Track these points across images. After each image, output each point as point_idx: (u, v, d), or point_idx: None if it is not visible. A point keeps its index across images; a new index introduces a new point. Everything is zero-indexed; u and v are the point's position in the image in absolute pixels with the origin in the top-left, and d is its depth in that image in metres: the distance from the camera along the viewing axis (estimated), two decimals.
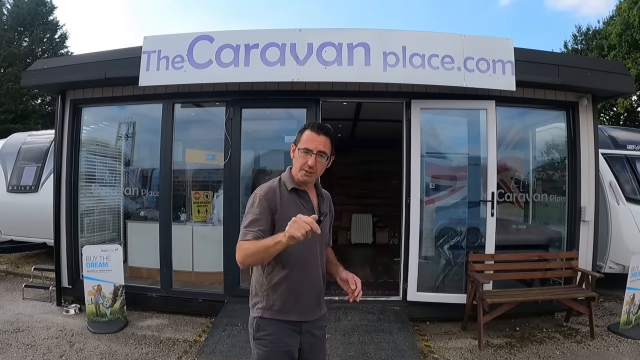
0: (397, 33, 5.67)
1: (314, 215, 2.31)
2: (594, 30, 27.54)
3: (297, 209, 2.59)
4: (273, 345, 2.58)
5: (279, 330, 2.60)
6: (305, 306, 2.66)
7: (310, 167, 2.57)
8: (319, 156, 2.59)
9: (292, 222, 2.24)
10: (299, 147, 2.61)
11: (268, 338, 2.59)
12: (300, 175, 2.61)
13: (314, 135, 2.60)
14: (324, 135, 2.61)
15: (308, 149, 2.57)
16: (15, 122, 25.29)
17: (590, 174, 6.52)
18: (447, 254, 6.56)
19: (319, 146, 2.58)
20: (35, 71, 7.06)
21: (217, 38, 5.68)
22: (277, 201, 2.58)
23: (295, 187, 2.64)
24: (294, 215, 2.42)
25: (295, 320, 2.63)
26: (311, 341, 2.70)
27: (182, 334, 5.89)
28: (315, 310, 2.71)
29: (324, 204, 2.78)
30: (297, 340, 2.64)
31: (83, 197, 7.17)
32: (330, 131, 2.66)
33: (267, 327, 2.60)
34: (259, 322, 2.63)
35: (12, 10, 29.57)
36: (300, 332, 2.66)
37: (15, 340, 5.55)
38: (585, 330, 5.97)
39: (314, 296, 2.69)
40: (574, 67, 6.38)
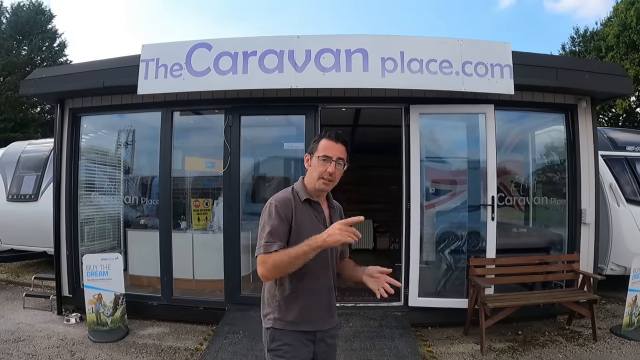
0: (395, 38, 5.68)
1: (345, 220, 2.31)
2: (591, 32, 27.60)
3: (310, 220, 2.59)
4: (290, 356, 2.55)
5: (294, 340, 2.57)
6: (318, 316, 2.63)
7: (330, 174, 2.55)
8: (338, 163, 2.57)
9: (338, 229, 2.26)
10: (318, 155, 2.58)
11: (284, 348, 2.56)
12: (319, 184, 2.59)
13: (332, 144, 2.58)
14: (342, 144, 2.60)
15: (327, 156, 2.55)
16: (14, 131, 25.36)
17: (590, 176, 6.51)
18: (448, 258, 6.55)
19: (337, 153, 2.57)
20: (33, 80, 7.07)
21: (215, 46, 5.70)
22: (292, 211, 2.54)
23: (308, 197, 2.62)
24: (307, 226, 2.52)
25: (309, 330, 2.60)
26: (324, 350, 2.68)
27: (183, 342, 5.87)
28: (328, 319, 2.69)
29: (335, 215, 2.76)
30: (311, 349, 2.62)
31: (83, 205, 7.17)
32: (347, 139, 2.65)
33: (282, 338, 2.57)
34: (274, 333, 2.59)
35: (11, 19, 29.71)
36: (314, 342, 2.63)
37: (17, 349, 5.54)
38: (587, 333, 5.96)
39: (326, 306, 2.67)
40: (572, 70, 6.40)
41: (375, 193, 12.57)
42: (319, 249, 2.31)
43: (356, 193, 12.61)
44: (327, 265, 2.67)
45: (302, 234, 2.48)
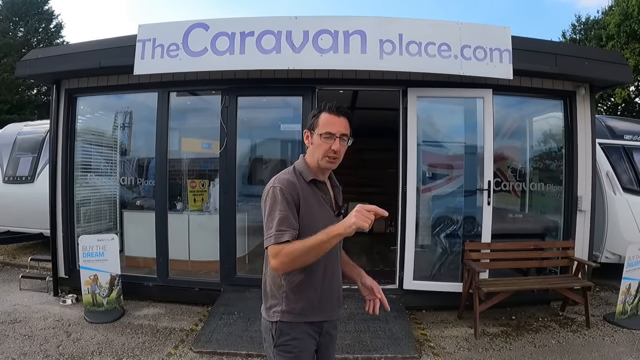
0: (394, 21, 5.63)
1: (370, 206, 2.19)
2: (592, 20, 27.51)
3: (317, 201, 2.45)
4: (298, 350, 2.41)
5: (303, 333, 2.44)
6: (328, 305, 2.50)
7: (335, 152, 2.41)
8: (342, 140, 2.42)
9: (356, 213, 2.14)
10: (319, 133, 2.41)
11: (293, 343, 2.41)
12: (324, 162, 2.44)
13: (334, 118, 2.42)
14: (344, 117, 2.45)
15: (330, 132, 2.39)
16: (11, 113, 25.26)
17: (587, 164, 6.52)
18: (444, 242, 6.56)
19: (341, 129, 2.41)
20: (29, 61, 7.00)
21: (212, 26, 5.65)
22: (299, 193, 2.36)
23: (314, 178, 2.46)
24: (315, 208, 2.40)
25: (318, 320, 2.48)
26: (327, 341, 2.59)
27: (179, 323, 5.90)
28: (336, 308, 2.59)
29: (340, 196, 2.66)
30: (316, 341, 2.51)
31: (79, 187, 7.15)
32: (349, 112, 2.49)
33: (290, 332, 2.42)
34: (281, 327, 2.43)
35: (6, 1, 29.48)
36: (320, 333, 2.52)
37: (13, 331, 5.55)
38: (581, 319, 5.98)
39: (335, 295, 2.53)
40: (572, 56, 6.38)
41: (371, 176, 12.56)
42: (340, 237, 2.19)
43: (353, 176, 12.60)
44: (336, 252, 2.52)
45: (313, 216, 2.38)
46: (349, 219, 2.14)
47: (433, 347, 5.16)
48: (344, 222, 2.16)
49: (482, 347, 5.17)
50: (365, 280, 2.65)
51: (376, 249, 9.82)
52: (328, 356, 2.65)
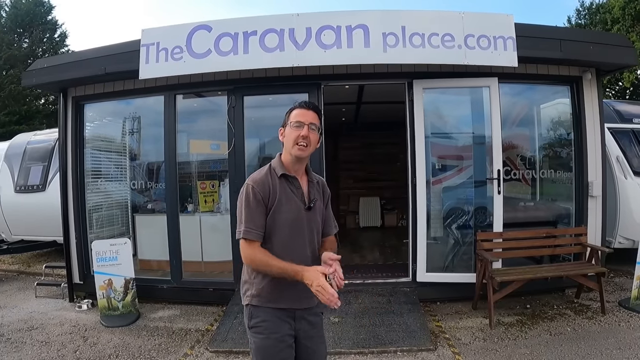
0: (396, 13, 5.62)
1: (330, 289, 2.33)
2: (597, 4, 27.23)
3: (286, 195, 2.59)
4: (269, 332, 2.57)
5: (273, 316, 2.58)
6: (293, 294, 2.59)
7: (304, 137, 2.56)
8: (311, 127, 2.58)
9: (320, 289, 2.31)
10: (291, 121, 2.60)
11: (263, 325, 2.57)
12: (295, 150, 2.58)
13: (303, 111, 2.61)
14: (312, 111, 2.63)
15: (300, 121, 2.57)
16: (20, 124, 25.38)
17: (596, 149, 6.47)
18: (456, 233, 6.55)
19: (309, 118, 2.59)
20: (35, 70, 7.07)
21: (215, 27, 5.67)
22: (269, 190, 2.56)
23: (284, 172, 2.61)
24: (285, 202, 2.57)
25: (285, 307, 2.61)
26: (306, 328, 2.68)
27: (194, 323, 5.93)
28: (304, 300, 2.62)
29: (314, 190, 2.74)
30: (291, 326, 2.62)
31: (90, 193, 7.22)
32: (317, 106, 2.70)
33: (260, 314, 2.59)
34: (252, 310, 2.62)
35: (10, 12, 29.64)
36: (294, 318, 2.64)
37: (30, 337, 5.60)
38: (596, 306, 5.96)
39: (301, 286, 2.49)
40: (577, 41, 6.32)
41: (381, 170, 12.54)
42: (299, 280, 2.39)
43: (362, 171, 12.71)
44: (304, 244, 2.65)
45: (281, 211, 2.56)
46: (308, 279, 2.35)
47: (448, 339, 5.16)
48: (310, 278, 2.35)
49: (497, 337, 5.15)
50: (323, 257, 2.66)
51: (389, 243, 9.83)
52: (311, 343, 2.72)
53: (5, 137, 16.59)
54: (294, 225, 2.58)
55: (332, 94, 6.92)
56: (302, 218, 2.61)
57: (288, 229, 2.57)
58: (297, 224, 2.59)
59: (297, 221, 2.60)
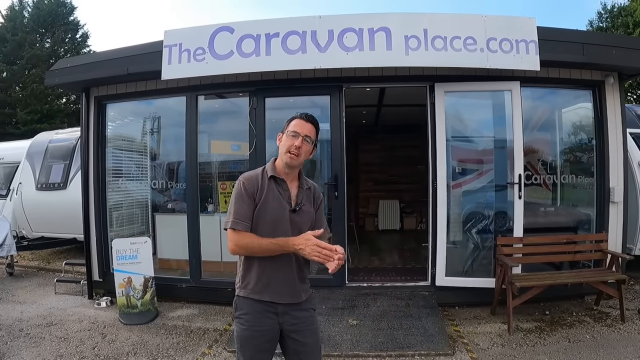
0: (418, 16, 5.62)
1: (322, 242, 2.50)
2: (619, 7, 26.89)
3: (273, 195, 2.74)
4: (249, 324, 2.72)
5: (255, 310, 2.72)
6: (277, 290, 2.73)
7: (297, 147, 2.70)
8: (305, 139, 2.72)
9: (305, 241, 2.53)
10: (288, 130, 2.76)
11: (245, 317, 2.74)
12: (286, 157, 2.73)
13: (302, 122, 2.77)
14: (311, 124, 2.79)
15: (296, 131, 2.72)
16: (41, 122, 25.74)
17: (618, 154, 6.39)
18: (475, 238, 6.52)
19: (305, 131, 2.74)
20: (58, 70, 7.16)
21: (237, 29, 5.71)
22: (257, 188, 2.72)
23: (273, 174, 2.76)
24: (269, 200, 2.72)
25: (268, 300, 2.72)
26: (291, 322, 2.77)
27: (212, 323, 5.97)
28: (286, 296, 2.77)
29: (303, 195, 2.86)
30: (274, 321, 2.74)
31: (111, 191, 7.29)
32: (316, 120, 2.85)
33: (243, 307, 2.75)
34: (237, 301, 2.79)
35: (32, 13, 30.07)
36: (277, 313, 2.74)
37: (49, 333, 5.67)
38: (615, 313, 5.88)
39: (284, 282, 2.75)
40: (599, 45, 6.24)
41: (401, 173, 12.56)
42: (288, 252, 2.60)
43: (382, 174, 12.70)
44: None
45: (266, 208, 2.71)
46: (300, 244, 2.54)
47: (466, 344, 5.13)
48: (301, 242, 2.55)
49: (515, 343, 5.11)
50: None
51: (408, 246, 9.80)
52: (302, 337, 2.81)
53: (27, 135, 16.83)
54: (277, 224, 2.71)
55: (353, 96, 6.93)
56: (285, 218, 2.73)
57: (271, 226, 2.69)
58: (281, 224, 2.71)
59: (281, 220, 2.72)
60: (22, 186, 9.92)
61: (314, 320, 2.91)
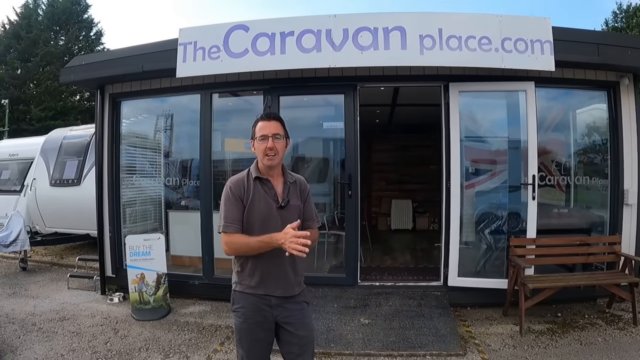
0: (433, 15, 5.62)
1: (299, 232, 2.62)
2: (634, 7, 26.64)
3: (259, 195, 2.87)
4: (245, 317, 2.88)
5: (250, 303, 2.87)
6: (270, 284, 2.87)
7: (270, 149, 2.82)
8: (275, 138, 2.84)
9: (284, 235, 2.62)
10: (256, 136, 2.88)
11: (241, 310, 2.90)
12: (265, 161, 2.85)
13: (265, 123, 2.89)
14: (274, 120, 2.92)
15: (264, 134, 2.84)
16: (55, 119, 25.98)
17: (633, 156, 6.34)
18: (488, 238, 6.49)
19: (272, 130, 2.85)
20: (73, 67, 7.22)
21: (252, 27, 5.73)
22: (244, 189, 2.86)
23: (258, 175, 2.89)
24: (257, 201, 2.85)
25: (262, 294, 2.86)
26: (284, 314, 2.91)
27: (224, 320, 5.98)
28: (279, 290, 2.89)
29: (290, 191, 2.96)
30: (269, 312, 2.88)
31: (125, 188, 7.35)
32: (278, 116, 3.02)
33: (240, 301, 2.91)
34: (233, 296, 2.96)
35: (47, 11, 30.38)
36: (271, 306, 2.88)
37: (62, 328, 5.73)
38: (628, 316, 5.83)
39: (277, 276, 2.88)
40: (614, 46, 6.19)
41: (414, 173, 12.54)
42: (274, 247, 2.68)
43: (395, 173, 12.68)
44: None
45: (253, 208, 2.84)
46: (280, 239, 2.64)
47: (478, 344, 5.11)
48: (278, 238, 2.65)
49: (527, 345, 5.10)
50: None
51: (420, 246, 9.79)
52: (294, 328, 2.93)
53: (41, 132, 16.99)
54: (266, 222, 2.82)
55: (367, 95, 6.91)
56: (274, 216, 2.85)
57: (261, 225, 2.81)
58: (270, 221, 2.82)
59: (270, 218, 2.84)
60: (36, 182, 10.00)
61: (306, 314, 3.03)
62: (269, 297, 2.86)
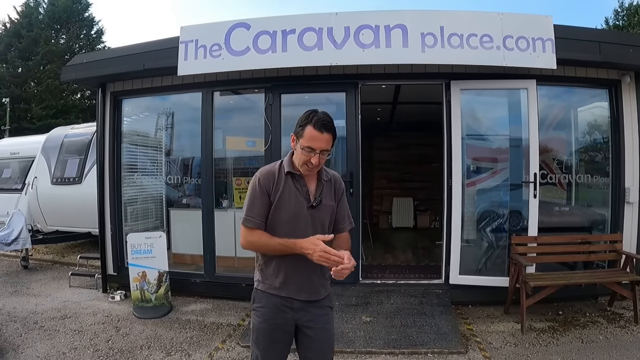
0: (435, 13, 5.62)
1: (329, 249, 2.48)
2: (635, 5, 26.59)
3: (290, 192, 2.67)
4: (265, 317, 2.72)
5: (271, 304, 2.71)
6: (295, 286, 2.71)
7: (314, 164, 2.59)
8: (322, 154, 2.59)
9: (313, 246, 2.48)
10: (302, 145, 2.57)
11: (261, 310, 2.74)
12: (303, 169, 2.65)
13: (318, 134, 2.55)
14: (328, 133, 2.58)
15: (312, 148, 2.55)
16: (56, 117, 26.02)
17: (634, 154, 6.33)
18: (489, 236, 6.49)
19: (322, 145, 2.56)
20: (75, 66, 7.22)
21: (253, 25, 5.73)
22: (273, 183, 2.66)
23: (290, 170, 2.67)
24: (286, 196, 2.66)
25: (285, 296, 2.71)
26: (306, 318, 2.74)
27: (226, 318, 6.00)
28: (303, 293, 2.73)
29: (323, 189, 2.77)
30: (290, 315, 2.72)
31: (126, 186, 7.34)
32: (333, 127, 2.63)
33: (261, 300, 2.75)
34: (254, 294, 2.80)
35: (48, 9, 30.39)
36: (293, 309, 2.72)
37: (63, 326, 5.74)
38: (629, 315, 5.83)
39: (303, 280, 2.72)
40: (616, 44, 6.20)
41: (415, 171, 12.53)
42: (296, 253, 2.54)
43: (396, 171, 12.69)
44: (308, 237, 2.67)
45: (281, 205, 2.66)
46: (307, 249, 2.50)
47: (479, 342, 5.12)
48: (308, 246, 2.51)
49: (528, 343, 5.10)
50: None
51: (421, 244, 9.79)
52: (314, 333, 2.77)
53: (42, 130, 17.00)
54: (294, 221, 2.66)
55: (368, 93, 6.91)
56: (303, 215, 2.68)
57: (289, 225, 2.65)
58: (299, 221, 2.67)
59: (299, 218, 2.67)
60: (37, 180, 10.02)
61: (329, 319, 2.87)
62: (292, 300, 2.71)
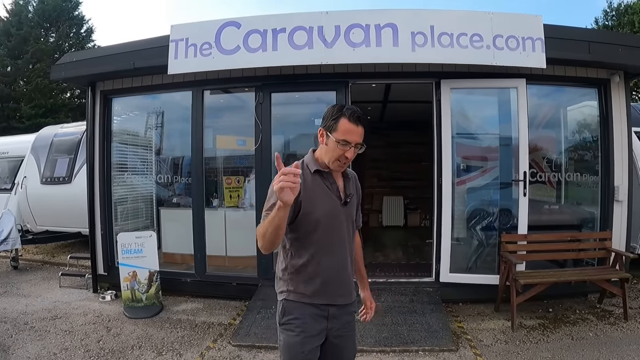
0: (425, 12, 5.63)
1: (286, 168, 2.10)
2: (625, 6, 26.74)
3: (321, 190, 2.51)
4: (300, 330, 2.49)
5: (306, 314, 2.51)
6: (331, 290, 2.55)
7: (348, 159, 2.46)
8: (356, 147, 2.45)
9: (276, 182, 2.08)
10: (337, 139, 2.41)
11: (295, 322, 2.50)
12: (334, 165, 2.49)
13: (353, 127, 2.41)
14: (362, 127, 2.44)
15: (347, 141, 2.41)
16: (45, 117, 25.71)
17: (623, 153, 6.38)
18: (480, 235, 6.51)
19: (357, 138, 2.43)
20: (64, 64, 7.17)
21: (244, 24, 5.72)
22: (300, 184, 2.27)
23: (318, 169, 2.52)
24: (318, 196, 2.48)
25: (321, 303, 2.53)
26: (338, 326, 2.59)
27: (217, 317, 6.00)
28: (340, 294, 2.60)
29: (349, 185, 2.65)
30: (324, 325, 2.55)
31: (116, 186, 7.31)
32: (366, 121, 2.49)
33: (293, 311, 2.52)
34: (285, 306, 2.56)
35: (37, 7, 30.07)
36: (327, 317, 2.55)
37: (54, 326, 5.71)
38: (618, 312, 5.89)
39: (340, 281, 2.58)
40: (605, 43, 6.24)
41: (406, 170, 12.57)
42: (280, 208, 2.12)
43: (387, 170, 12.72)
44: (342, 236, 2.60)
45: (315, 205, 2.47)
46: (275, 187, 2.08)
47: (470, 340, 5.15)
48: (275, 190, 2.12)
49: (519, 340, 5.14)
50: (366, 293, 2.93)
51: (412, 243, 9.85)
52: (341, 342, 2.65)
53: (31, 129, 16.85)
54: (330, 222, 2.51)
55: (358, 92, 6.93)
56: (338, 214, 2.54)
57: (324, 226, 2.48)
58: (334, 221, 2.53)
59: (334, 218, 2.53)
60: (26, 180, 9.96)
61: (354, 326, 2.75)
62: (327, 307, 2.54)
